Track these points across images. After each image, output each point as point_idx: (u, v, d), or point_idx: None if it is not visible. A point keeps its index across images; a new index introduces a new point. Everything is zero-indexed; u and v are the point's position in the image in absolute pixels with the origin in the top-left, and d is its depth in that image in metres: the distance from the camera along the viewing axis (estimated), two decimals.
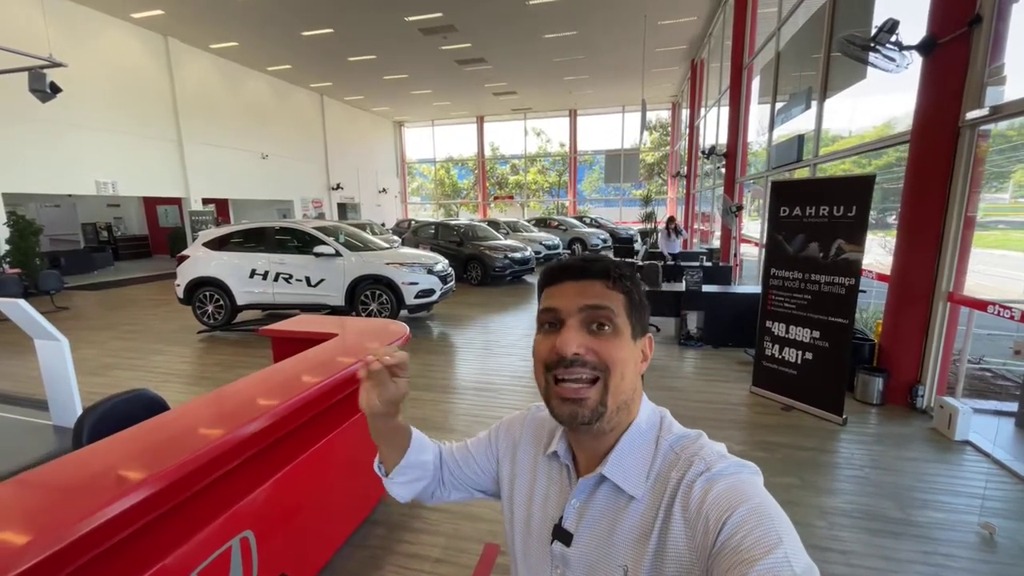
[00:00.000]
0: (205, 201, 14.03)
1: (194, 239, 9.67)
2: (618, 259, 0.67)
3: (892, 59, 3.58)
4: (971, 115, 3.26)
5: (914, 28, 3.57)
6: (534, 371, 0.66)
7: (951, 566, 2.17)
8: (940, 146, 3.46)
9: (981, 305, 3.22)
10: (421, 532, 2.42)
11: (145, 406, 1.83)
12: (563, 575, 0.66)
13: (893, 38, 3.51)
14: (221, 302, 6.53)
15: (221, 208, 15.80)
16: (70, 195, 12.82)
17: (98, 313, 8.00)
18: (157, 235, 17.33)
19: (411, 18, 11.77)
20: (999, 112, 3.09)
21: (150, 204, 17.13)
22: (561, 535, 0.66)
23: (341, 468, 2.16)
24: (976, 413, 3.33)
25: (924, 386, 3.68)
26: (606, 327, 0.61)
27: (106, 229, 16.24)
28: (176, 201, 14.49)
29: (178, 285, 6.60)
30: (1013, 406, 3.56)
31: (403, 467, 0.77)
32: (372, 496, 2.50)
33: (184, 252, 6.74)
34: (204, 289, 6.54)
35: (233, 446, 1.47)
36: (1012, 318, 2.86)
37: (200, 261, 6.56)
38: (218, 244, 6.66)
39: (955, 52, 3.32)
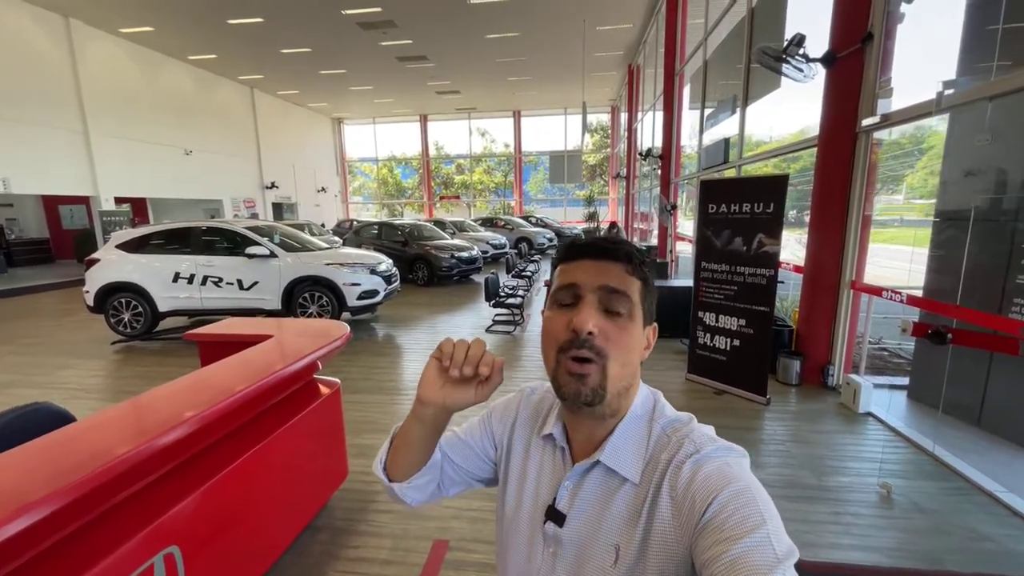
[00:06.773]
0: (119, 200, 12.75)
1: (106, 242, 8.78)
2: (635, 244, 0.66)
3: (800, 70, 3.93)
4: (866, 122, 3.65)
5: (822, 43, 3.95)
6: (542, 348, 0.65)
7: (857, 523, 2.43)
8: (841, 150, 3.85)
9: (877, 291, 3.63)
10: (367, 535, 2.36)
11: (47, 420, 1.65)
12: (555, 553, 0.66)
13: (801, 51, 3.86)
14: (140, 309, 6.00)
15: (138, 208, 14.47)
16: None
17: None
18: (61, 238, 15.54)
19: (349, 11, 11.37)
20: (888, 120, 3.49)
21: (51, 203, 15.34)
22: (554, 516, 0.66)
23: (278, 475, 2.05)
24: (876, 388, 3.75)
25: (834, 366, 4.08)
26: (621, 312, 0.61)
27: None
28: (84, 200, 13.07)
29: (87, 292, 5.98)
30: (905, 380, 4.03)
31: (424, 470, 0.74)
32: (314, 502, 2.40)
33: (94, 255, 6.12)
34: (119, 295, 5.97)
35: (148, 456, 1.37)
36: (901, 302, 3.25)
37: (113, 265, 5.98)
38: (135, 246, 6.10)
39: (852, 65, 3.71)
